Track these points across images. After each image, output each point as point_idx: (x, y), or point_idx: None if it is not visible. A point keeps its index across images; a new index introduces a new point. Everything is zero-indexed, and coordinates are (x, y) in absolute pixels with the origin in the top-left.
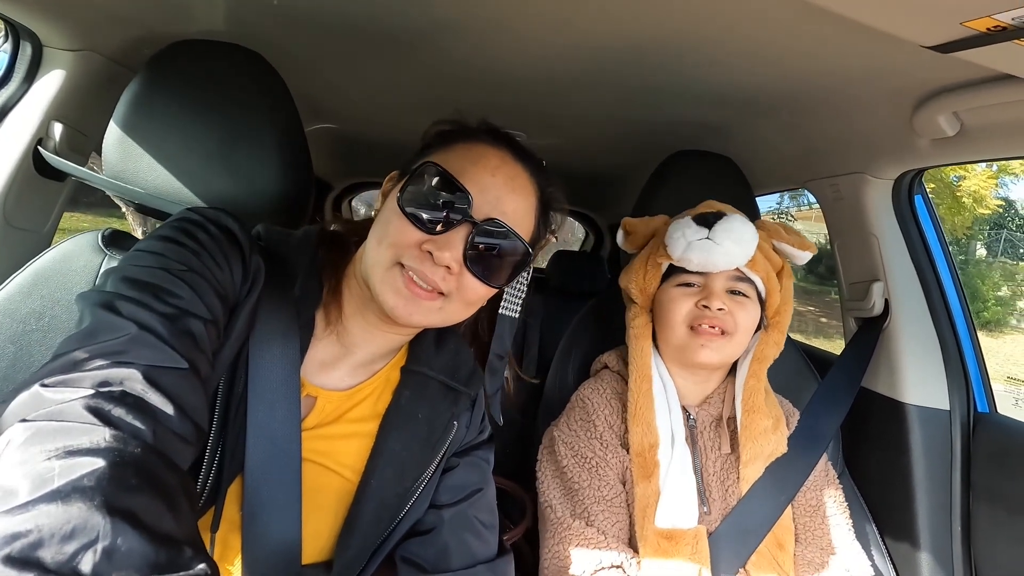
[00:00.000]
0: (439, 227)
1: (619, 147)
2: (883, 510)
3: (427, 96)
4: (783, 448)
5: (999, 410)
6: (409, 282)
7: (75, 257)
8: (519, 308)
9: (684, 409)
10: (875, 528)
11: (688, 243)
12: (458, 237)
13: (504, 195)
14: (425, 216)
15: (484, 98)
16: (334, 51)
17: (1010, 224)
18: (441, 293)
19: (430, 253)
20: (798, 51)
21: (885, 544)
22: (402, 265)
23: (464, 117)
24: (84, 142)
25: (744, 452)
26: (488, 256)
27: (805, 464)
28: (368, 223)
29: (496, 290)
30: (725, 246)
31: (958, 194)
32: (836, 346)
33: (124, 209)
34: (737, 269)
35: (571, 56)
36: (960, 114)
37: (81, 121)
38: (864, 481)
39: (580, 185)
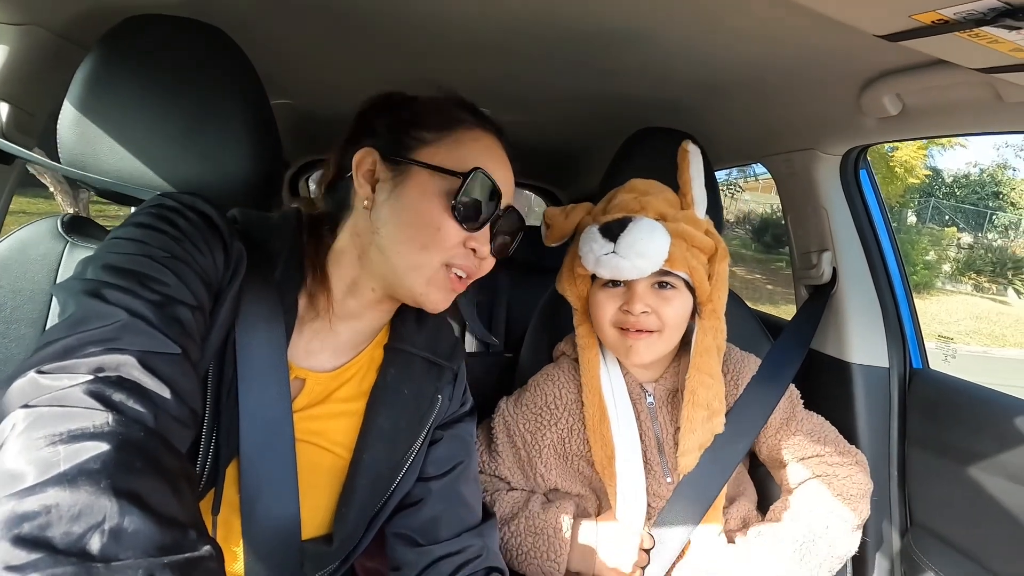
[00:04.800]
0: (480, 225)
1: (582, 123)
2: None
3: (388, 69)
4: (719, 429)
5: (931, 366)
6: (455, 277)
7: (34, 245)
8: None
9: (642, 387)
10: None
11: (596, 257)
12: (488, 230)
13: (508, 182)
14: (474, 219)
15: (448, 72)
16: (291, 22)
17: (937, 192)
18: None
19: (472, 249)
20: (757, 34)
21: None
22: (447, 266)
23: (449, 91)
24: (31, 122)
25: (682, 443)
26: (505, 239)
27: (755, 423)
28: (340, 201)
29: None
30: (631, 260)
31: (891, 164)
32: (780, 310)
33: (52, 189)
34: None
35: (536, 32)
36: (902, 95)
37: (27, 100)
38: None
39: (542, 161)
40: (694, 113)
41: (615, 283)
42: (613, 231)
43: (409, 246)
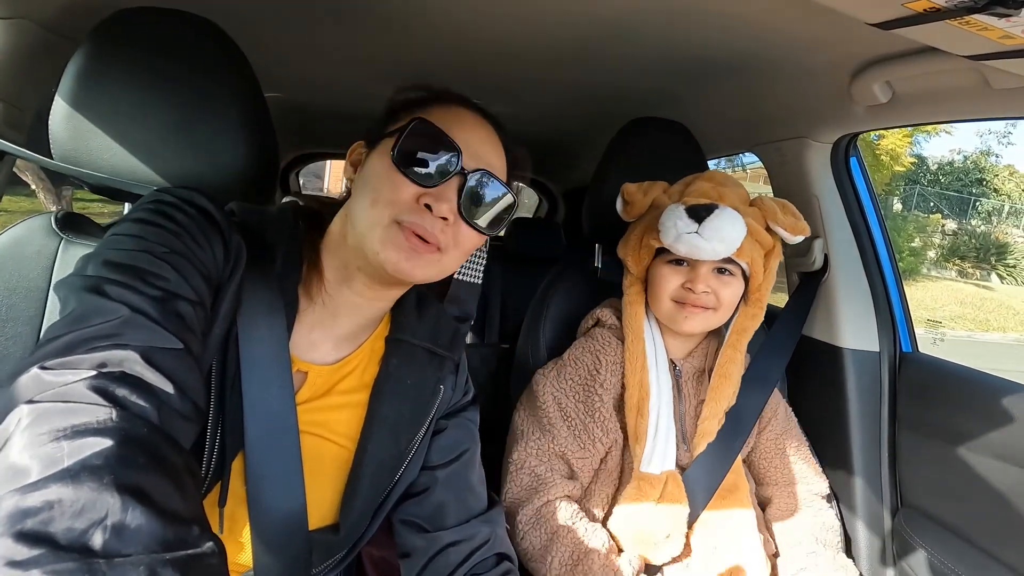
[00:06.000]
0: (434, 180)
1: (574, 114)
2: (823, 442)
3: (379, 63)
4: (732, 401)
5: (920, 349)
6: (411, 235)
7: (28, 242)
8: (480, 274)
9: (671, 361)
10: (816, 459)
11: (678, 234)
12: (451, 189)
13: (485, 150)
14: (421, 171)
15: (439, 65)
16: (284, 15)
17: (922, 180)
18: (438, 248)
19: (427, 207)
20: (748, 22)
21: (825, 472)
22: (399, 223)
23: (431, 84)
24: (21, 117)
25: (706, 409)
26: (480, 205)
27: (756, 405)
28: (340, 202)
29: (488, 237)
30: (712, 243)
31: (877, 152)
32: (770, 297)
33: (34, 187)
34: None
35: (527, 23)
36: (892, 83)
37: (16, 95)
38: (806, 418)
39: (534, 152)
40: (686, 103)
41: (679, 262)
42: (700, 214)
43: (363, 205)
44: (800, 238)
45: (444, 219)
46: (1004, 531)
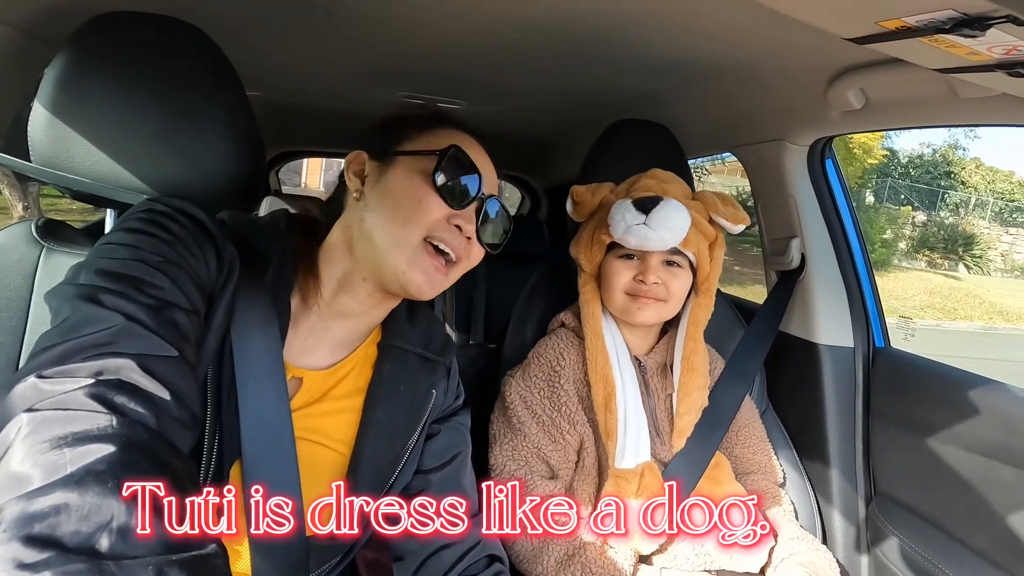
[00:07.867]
0: (464, 203)
1: (557, 114)
2: (800, 436)
3: (362, 63)
4: (706, 401)
5: (893, 344)
6: (436, 257)
7: (9, 251)
8: None
9: (635, 358)
10: (794, 452)
11: (627, 227)
12: (473, 211)
13: (492, 176)
14: (456, 194)
15: (422, 67)
16: (266, 17)
17: (893, 173)
18: (451, 261)
19: (457, 226)
20: (729, 29)
21: (802, 464)
22: (427, 241)
23: (427, 102)
24: None
25: (681, 405)
26: (491, 226)
27: (734, 399)
28: (337, 205)
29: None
30: (659, 233)
31: (850, 146)
32: (748, 291)
33: None
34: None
35: (510, 25)
36: (866, 90)
37: None
38: (784, 413)
39: (516, 150)
40: (669, 105)
41: (630, 256)
42: (647, 205)
43: (392, 222)
44: (740, 227)
45: (468, 237)
46: (972, 518)
